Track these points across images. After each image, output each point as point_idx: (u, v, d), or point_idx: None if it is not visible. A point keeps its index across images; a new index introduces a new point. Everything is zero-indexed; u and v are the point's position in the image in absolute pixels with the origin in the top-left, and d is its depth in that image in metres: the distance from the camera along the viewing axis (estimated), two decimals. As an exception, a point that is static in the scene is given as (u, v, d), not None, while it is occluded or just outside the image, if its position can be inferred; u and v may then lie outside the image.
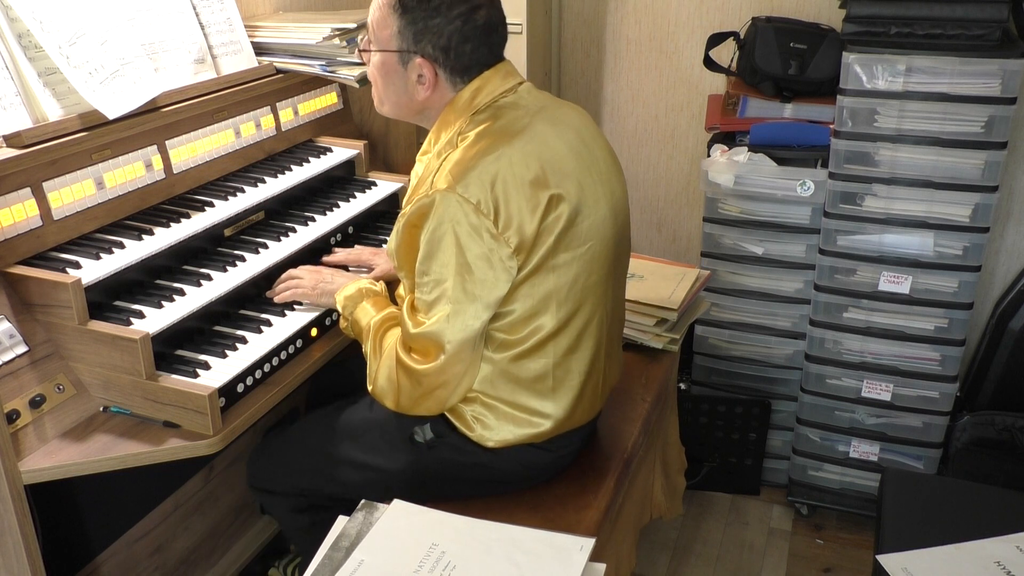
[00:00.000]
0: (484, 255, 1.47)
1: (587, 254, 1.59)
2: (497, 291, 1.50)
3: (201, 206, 1.88)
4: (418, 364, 1.54)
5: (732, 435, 2.67)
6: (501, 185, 1.47)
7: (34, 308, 1.56)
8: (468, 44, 1.54)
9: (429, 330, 1.51)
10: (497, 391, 1.60)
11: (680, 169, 3.03)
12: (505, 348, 1.57)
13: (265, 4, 2.42)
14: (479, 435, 1.63)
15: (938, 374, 2.41)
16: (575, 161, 1.58)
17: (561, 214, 1.53)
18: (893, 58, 2.18)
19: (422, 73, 1.56)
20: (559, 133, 1.59)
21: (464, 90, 1.58)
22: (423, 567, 1.45)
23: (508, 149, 1.50)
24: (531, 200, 1.50)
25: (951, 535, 1.70)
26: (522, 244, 1.49)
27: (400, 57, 1.57)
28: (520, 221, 1.49)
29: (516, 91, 1.61)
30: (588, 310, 1.62)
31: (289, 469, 1.84)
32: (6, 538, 1.47)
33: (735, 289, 2.59)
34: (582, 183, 1.58)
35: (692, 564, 2.50)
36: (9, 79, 1.62)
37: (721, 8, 2.79)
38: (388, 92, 1.64)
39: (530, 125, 1.56)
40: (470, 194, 1.46)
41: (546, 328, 1.57)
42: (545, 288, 1.55)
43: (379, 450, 1.72)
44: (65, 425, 1.52)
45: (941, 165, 2.24)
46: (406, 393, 1.58)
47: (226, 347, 1.66)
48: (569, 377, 1.63)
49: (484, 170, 1.47)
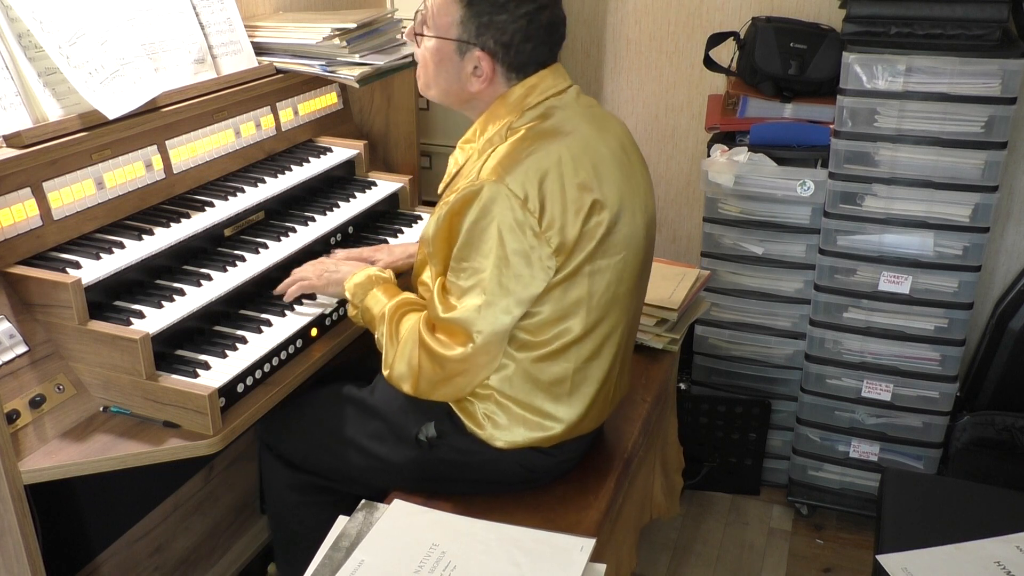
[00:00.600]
0: (524, 251, 1.47)
1: (620, 263, 1.59)
2: (532, 289, 1.50)
3: (201, 206, 1.88)
4: (443, 348, 1.53)
5: (732, 435, 2.67)
6: (549, 184, 1.48)
7: (34, 308, 1.56)
8: (530, 43, 1.54)
9: (459, 316, 1.50)
10: (514, 391, 1.60)
11: (680, 169, 3.03)
12: (528, 348, 1.57)
13: (265, 4, 2.42)
14: (489, 434, 1.62)
15: (938, 374, 2.41)
16: (617, 169, 1.59)
17: (602, 220, 1.53)
18: (893, 58, 2.18)
19: (479, 66, 1.56)
20: (605, 140, 1.60)
21: (517, 86, 1.58)
22: (423, 567, 1.45)
23: (558, 149, 1.51)
24: (576, 203, 1.50)
25: (951, 535, 1.70)
26: (563, 246, 1.50)
27: (458, 47, 1.56)
28: (563, 222, 1.49)
29: (566, 93, 1.61)
30: (614, 319, 1.62)
31: (299, 435, 1.83)
32: (6, 538, 1.47)
33: (735, 289, 2.59)
34: (622, 192, 1.58)
35: (692, 564, 2.50)
36: (9, 79, 1.62)
37: (721, 8, 2.79)
38: (439, 78, 1.62)
39: (579, 128, 1.57)
40: (518, 188, 1.46)
41: (573, 333, 1.57)
42: (577, 293, 1.55)
43: (384, 440, 1.72)
44: (65, 425, 1.52)
45: (941, 165, 2.24)
46: (426, 376, 1.57)
47: (226, 347, 1.66)
48: (586, 383, 1.63)
49: (534, 166, 1.48)
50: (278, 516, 1.97)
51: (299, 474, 1.86)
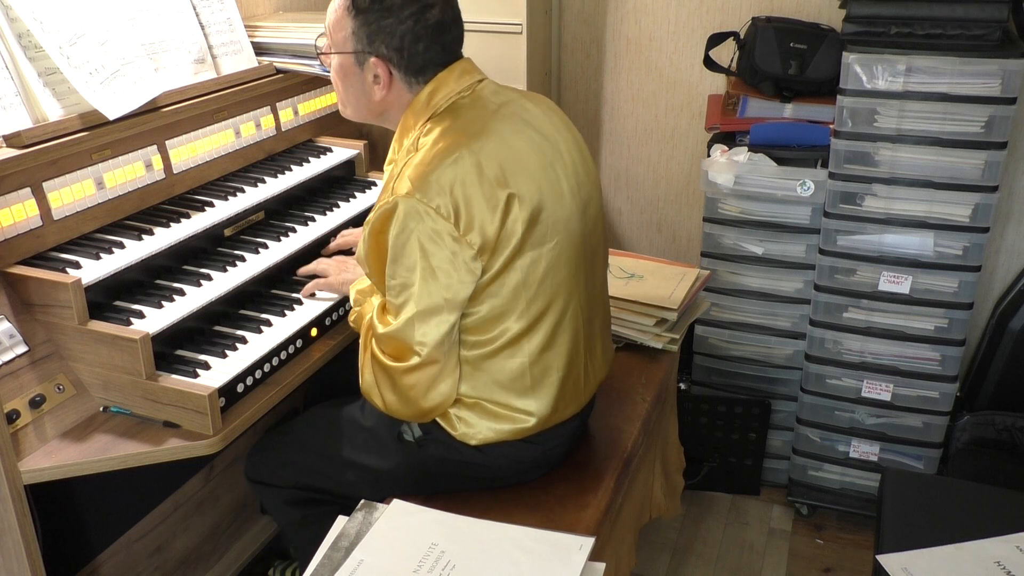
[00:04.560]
0: (447, 258, 1.48)
1: (553, 251, 1.58)
2: (462, 293, 1.50)
3: (201, 206, 1.88)
4: (392, 362, 1.55)
5: (732, 435, 2.67)
6: (460, 187, 1.47)
7: (34, 308, 1.56)
8: (420, 43, 1.55)
9: (396, 331, 1.52)
10: (476, 391, 1.60)
11: (680, 169, 3.03)
12: (477, 347, 1.57)
13: (265, 4, 2.42)
14: (462, 433, 1.63)
15: (938, 374, 2.41)
16: (536, 157, 1.58)
17: (522, 213, 1.52)
18: (893, 58, 2.18)
19: (377, 73, 1.57)
20: (519, 130, 1.59)
21: (421, 93, 1.58)
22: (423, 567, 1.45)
23: (466, 150, 1.50)
24: (491, 200, 1.50)
25: (951, 535, 1.70)
26: (485, 245, 1.49)
27: (356, 58, 1.59)
28: (481, 222, 1.49)
29: (474, 90, 1.61)
30: (559, 307, 1.61)
31: (286, 464, 1.85)
32: (6, 538, 1.47)
33: (735, 289, 2.59)
34: (542, 180, 1.57)
35: (692, 564, 2.50)
36: (9, 79, 1.62)
37: (721, 8, 2.79)
38: (348, 94, 1.66)
39: (489, 124, 1.56)
40: (429, 198, 1.46)
41: (516, 327, 1.57)
42: (511, 287, 1.54)
43: (372, 450, 1.73)
44: (65, 425, 1.52)
45: (941, 165, 2.24)
46: (384, 387, 1.58)
47: (226, 347, 1.66)
48: (547, 374, 1.62)
49: (443, 173, 1.47)
50: (287, 533, 1.99)
51: (293, 493, 1.87)
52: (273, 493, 1.89)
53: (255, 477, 1.90)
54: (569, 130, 1.70)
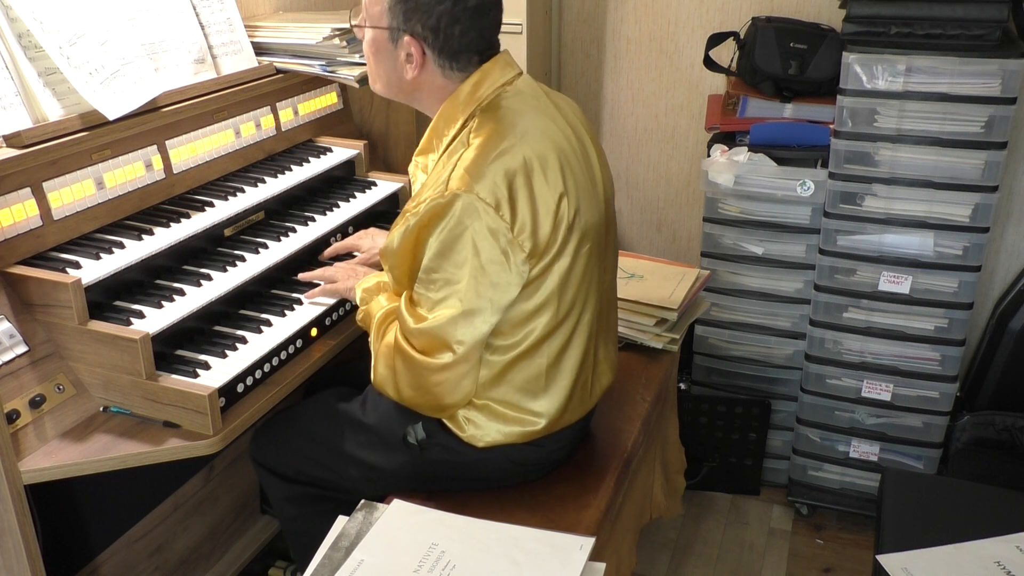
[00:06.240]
0: (499, 259, 1.46)
1: (586, 254, 1.58)
2: (509, 294, 1.49)
3: (201, 206, 1.88)
4: (421, 356, 1.53)
5: (732, 435, 2.67)
6: (518, 186, 1.47)
7: (34, 308, 1.56)
8: (457, 26, 1.51)
9: (434, 326, 1.49)
10: (489, 393, 1.59)
11: (680, 169, 3.03)
12: (501, 352, 1.56)
13: (265, 4, 2.42)
14: (470, 435, 1.62)
15: (938, 374, 2.41)
16: (573, 156, 1.58)
17: (567, 213, 1.52)
18: (893, 58, 2.18)
19: (410, 52, 1.55)
20: (560, 128, 1.59)
21: (464, 84, 1.56)
22: (423, 567, 1.45)
23: (521, 147, 1.49)
24: (545, 203, 1.49)
25: (951, 535, 1.70)
26: (535, 248, 1.49)
27: (390, 34, 1.55)
28: (535, 225, 1.48)
29: (515, 83, 1.59)
30: (580, 308, 1.61)
31: (291, 450, 1.84)
32: (6, 538, 1.47)
33: (735, 289, 2.59)
34: (579, 179, 1.57)
35: (692, 564, 2.50)
36: (9, 79, 1.62)
37: (721, 8, 2.79)
38: (379, 70, 1.63)
39: (535, 121, 1.55)
40: (488, 195, 1.44)
41: (542, 329, 1.56)
42: (547, 291, 1.54)
43: (375, 449, 1.72)
44: (65, 425, 1.52)
45: (941, 165, 2.24)
46: (404, 381, 1.57)
47: (226, 347, 1.66)
48: (561, 376, 1.62)
49: (501, 170, 1.46)
50: (285, 528, 1.99)
51: (295, 486, 1.86)
52: (276, 483, 1.88)
53: (260, 460, 1.90)
54: (589, 129, 1.70)
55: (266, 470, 1.89)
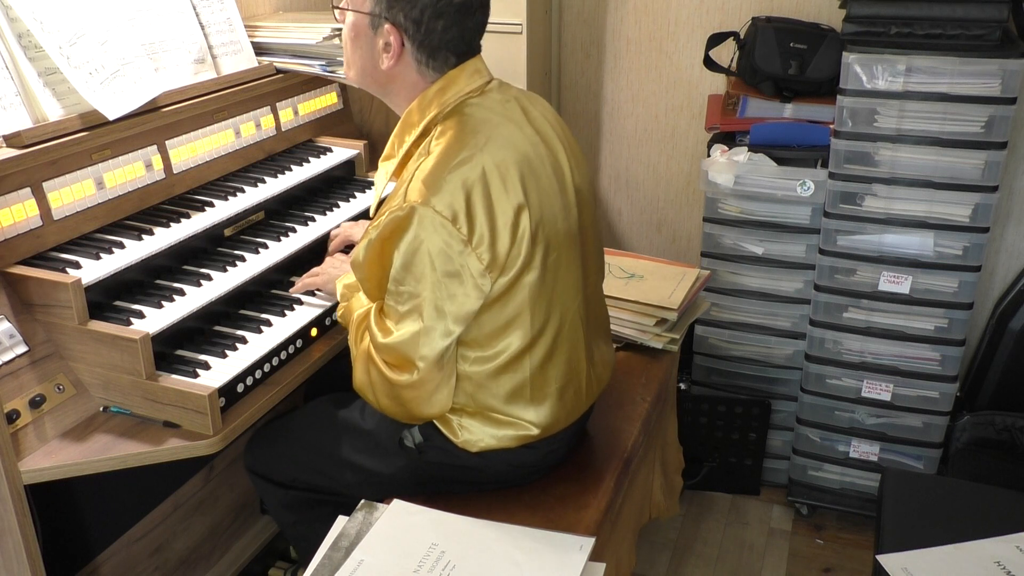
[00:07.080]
0: (456, 272, 1.45)
1: (555, 263, 1.56)
2: (468, 307, 1.47)
3: (201, 206, 1.88)
4: (390, 371, 1.53)
5: (732, 435, 2.67)
6: (476, 198, 1.44)
7: (34, 308, 1.56)
8: (440, 21, 1.48)
9: (398, 342, 1.49)
10: (479, 403, 1.59)
11: (680, 169, 3.03)
12: (479, 363, 1.55)
13: (265, 4, 2.42)
14: (464, 441, 1.61)
15: (938, 374, 2.41)
16: (539, 163, 1.56)
17: (527, 224, 1.49)
18: (893, 58, 2.18)
19: (389, 41, 1.51)
20: (526, 135, 1.56)
21: (430, 87, 1.54)
22: (423, 567, 1.45)
23: (481, 158, 1.47)
24: (503, 215, 1.47)
25: (951, 535, 1.70)
26: (494, 261, 1.46)
27: (371, 20, 1.52)
28: (493, 237, 1.46)
29: (483, 91, 1.57)
30: (558, 318, 1.59)
31: (286, 459, 1.84)
32: (6, 538, 1.47)
33: (735, 289, 2.59)
34: (543, 187, 1.55)
35: (692, 564, 2.50)
36: (9, 79, 1.62)
37: (721, 8, 2.79)
38: (355, 56, 1.59)
39: (498, 128, 1.52)
40: (445, 208, 1.42)
41: (516, 343, 1.54)
42: (516, 304, 1.52)
43: (372, 454, 1.72)
44: (65, 425, 1.52)
45: (941, 165, 2.24)
46: (380, 391, 1.57)
47: (226, 347, 1.66)
48: (547, 385, 1.60)
49: (459, 181, 1.44)
50: (286, 533, 1.99)
51: (291, 492, 1.86)
52: (272, 490, 1.89)
53: (255, 469, 1.90)
54: (564, 132, 1.67)
55: (261, 478, 1.89)
